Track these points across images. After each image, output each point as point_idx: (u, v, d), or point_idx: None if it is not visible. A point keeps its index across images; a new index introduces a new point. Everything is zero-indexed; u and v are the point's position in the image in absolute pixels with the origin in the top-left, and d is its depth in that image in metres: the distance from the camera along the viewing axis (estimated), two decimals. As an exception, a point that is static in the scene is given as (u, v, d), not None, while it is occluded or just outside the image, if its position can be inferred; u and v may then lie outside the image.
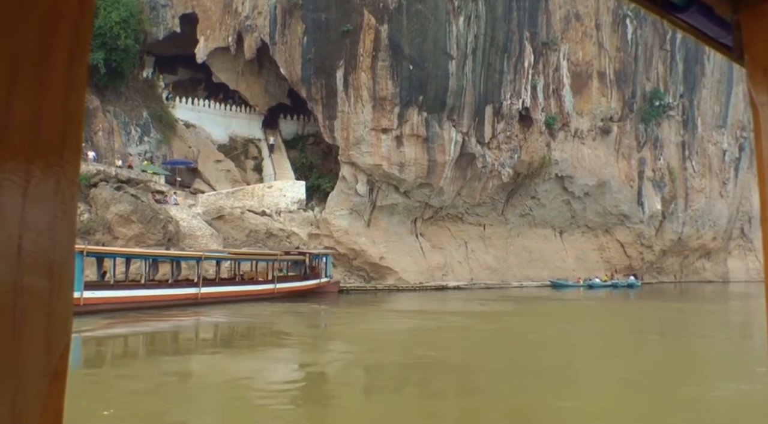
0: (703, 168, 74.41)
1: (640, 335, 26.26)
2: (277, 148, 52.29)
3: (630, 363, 19.56)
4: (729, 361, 20.19)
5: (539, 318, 30.82)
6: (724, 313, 37.17)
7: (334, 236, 47.42)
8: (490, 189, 53.53)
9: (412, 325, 26.94)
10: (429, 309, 34.21)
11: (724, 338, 26.69)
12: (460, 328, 26.53)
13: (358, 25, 46.91)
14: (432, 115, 48.56)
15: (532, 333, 25.56)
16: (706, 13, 1.35)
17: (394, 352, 20.25)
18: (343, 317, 32.28)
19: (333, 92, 47.12)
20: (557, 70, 56.16)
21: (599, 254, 63.46)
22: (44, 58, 0.67)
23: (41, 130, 0.68)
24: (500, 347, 21.78)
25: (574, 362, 19.37)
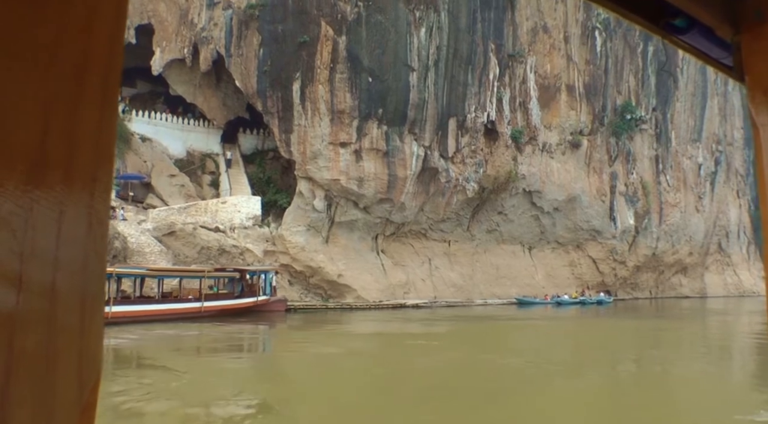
0: (677, 182, 73.39)
1: (582, 362, 23.70)
2: (234, 163, 50.85)
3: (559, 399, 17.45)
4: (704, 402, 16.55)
5: (467, 342, 28.38)
6: (694, 332, 35.36)
7: (290, 253, 45.91)
8: (454, 204, 52.14)
9: (338, 351, 24.87)
10: (374, 331, 32.51)
11: (691, 364, 23.55)
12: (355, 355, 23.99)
13: (316, 37, 45.63)
14: (392, 128, 47.23)
15: (443, 361, 21.73)
16: (707, 34, 1.41)
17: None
18: (274, 340, 30.53)
19: (289, 105, 45.74)
20: (524, 83, 54.98)
21: (570, 271, 62.10)
22: (76, 100, 0.68)
23: (74, 170, 0.69)
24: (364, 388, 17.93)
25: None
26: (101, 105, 0.72)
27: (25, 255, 0.63)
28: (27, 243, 0.63)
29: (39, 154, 0.65)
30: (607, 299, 60.71)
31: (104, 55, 0.70)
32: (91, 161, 0.72)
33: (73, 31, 0.66)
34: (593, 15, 60.00)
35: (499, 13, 53.26)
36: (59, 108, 0.67)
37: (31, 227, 0.64)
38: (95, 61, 0.69)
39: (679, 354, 25.59)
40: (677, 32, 1.42)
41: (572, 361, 23.47)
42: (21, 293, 0.64)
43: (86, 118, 0.70)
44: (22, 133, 0.63)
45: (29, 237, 0.64)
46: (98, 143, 0.73)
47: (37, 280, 0.65)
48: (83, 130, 0.71)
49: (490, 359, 21.86)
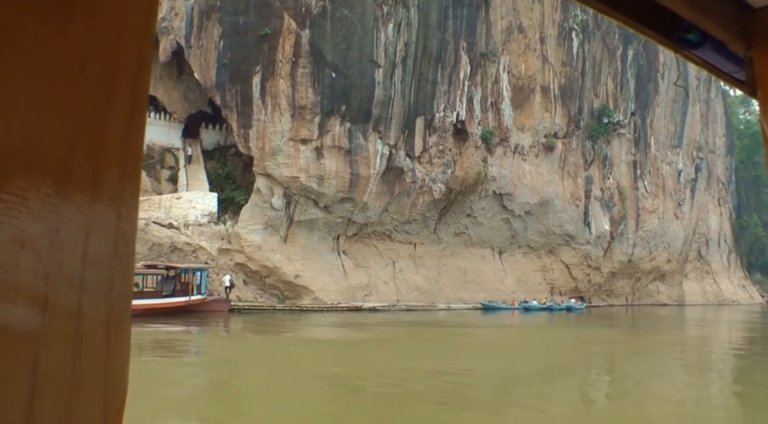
0: (656, 188, 72.15)
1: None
2: (195, 159, 49.25)
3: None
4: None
5: (385, 350, 25.34)
6: (668, 345, 33.37)
7: (246, 252, 44.39)
8: (420, 206, 50.68)
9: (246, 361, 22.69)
10: (310, 336, 30.76)
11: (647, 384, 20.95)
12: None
13: (278, 30, 44.15)
14: (356, 125, 45.78)
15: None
16: (720, 49, 1.44)
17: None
18: (194, 344, 28.36)
19: (249, 99, 44.25)
20: (497, 83, 53.56)
21: (542, 276, 60.69)
22: (103, 116, 0.69)
23: (100, 189, 0.69)
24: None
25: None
26: (128, 122, 0.71)
27: (50, 277, 0.63)
28: (53, 264, 0.63)
29: (65, 174, 0.65)
30: (579, 305, 59.17)
31: (132, 71, 0.70)
32: (118, 181, 0.72)
33: (101, 45, 0.66)
34: (570, 16, 58.69)
35: (472, 10, 51.85)
36: (86, 125, 0.67)
37: (57, 248, 0.64)
38: (123, 76, 0.69)
39: (639, 370, 23.98)
40: (690, 47, 1.42)
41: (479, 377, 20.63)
42: (46, 315, 0.63)
43: (113, 137, 0.70)
44: (48, 151, 0.63)
45: (55, 258, 0.63)
46: (125, 162, 0.73)
47: (63, 301, 0.65)
48: (110, 149, 0.70)
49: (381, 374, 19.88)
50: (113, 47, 0.67)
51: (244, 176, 48.27)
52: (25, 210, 0.60)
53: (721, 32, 1.41)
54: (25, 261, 0.60)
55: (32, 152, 0.60)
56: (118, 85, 0.69)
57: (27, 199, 0.60)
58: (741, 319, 60.75)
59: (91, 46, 0.65)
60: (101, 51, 0.66)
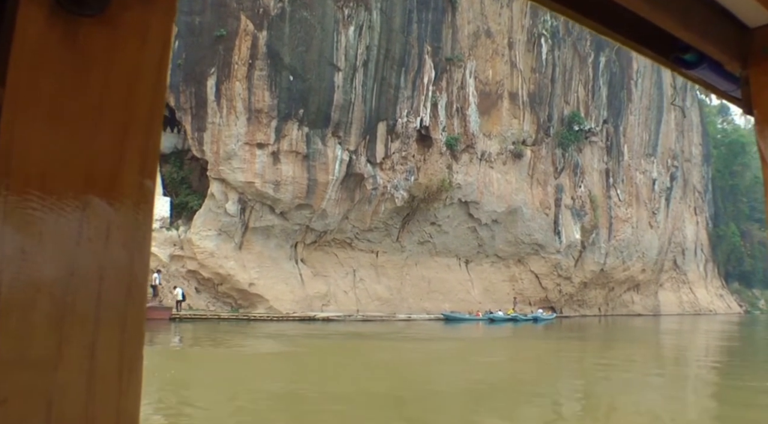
0: (629, 197, 71.24)
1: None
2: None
3: None
4: None
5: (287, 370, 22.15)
6: (641, 358, 32.00)
7: (198, 259, 43.02)
8: (382, 213, 49.44)
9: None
10: (238, 350, 29.07)
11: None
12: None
13: (234, 31, 42.95)
14: (314, 130, 44.56)
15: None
16: (716, 69, 1.46)
17: None
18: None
19: (203, 102, 43.02)
20: (463, 88, 52.42)
21: (511, 286, 59.52)
22: (117, 164, 0.71)
23: (113, 235, 0.71)
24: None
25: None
26: (141, 167, 0.72)
27: (66, 320, 0.65)
28: (68, 308, 0.65)
29: (79, 222, 0.66)
30: (548, 316, 57.93)
31: (145, 118, 0.72)
32: (131, 228, 0.73)
33: (115, 96, 0.68)
34: (540, 22, 57.70)
35: (438, 14, 50.74)
36: (100, 173, 0.68)
37: (72, 293, 0.65)
38: (136, 124, 0.71)
39: (608, 385, 22.64)
40: (687, 66, 1.44)
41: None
42: (60, 359, 0.64)
43: (126, 184, 0.71)
44: (63, 200, 0.65)
45: (69, 302, 0.65)
46: (137, 209, 0.73)
47: (77, 344, 0.66)
48: (123, 196, 0.71)
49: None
50: (127, 97, 0.69)
51: (201, 181, 46.89)
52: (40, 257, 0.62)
53: (718, 53, 1.41)
54: (41, 302, 0.62)
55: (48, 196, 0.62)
56: (131, 133, 0.70)
57: (43, 248, 0.62)
58: (718, 329, 59.73)
59: (106, 96, 0.67)
60: (116, 101, 0.68)
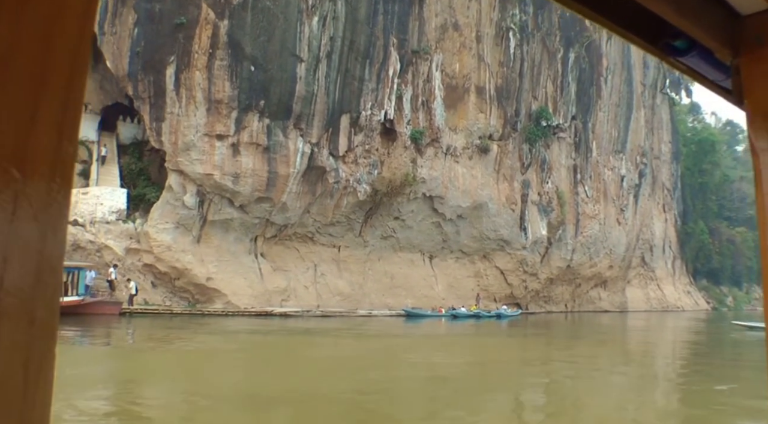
0: (597, 193, 71.06)
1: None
2: (109, 153, 46.80)
3: None
4: None
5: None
6: (606, 354, 31.37)
7: (155, 252, 42.12)
8: (345, 207, 48.76)
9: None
10: (180, 347, 28.06)
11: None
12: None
13: (194, 19, 41.99)
14: (275, 122, 43.77)
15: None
16: (707, 57, 1.44)
17: None
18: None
19: (162, 91, 42.02)
20: (429, 82, 51.81)
21: (476, 282, 59.09)
22: (31, 118, 0.63)
23: (24, 197, 0.62)
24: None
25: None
26: (59, 130, 0.64)
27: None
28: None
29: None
30: (512, 312, 57.66)
31: (65, 72, 0.64)
32: (43, 199, 0.63)
33: (29, 44, 0.60)
34: (508, 15, 57.19)
35: (405, 6, 50.08)
36: (5, 133, 0.60)
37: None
38: (54, 77, 0.63)
39: (572, 385, 22.02)
40: (676, 54, 1.42)
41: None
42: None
43: (41, 141, 0.62)
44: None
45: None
46: (52, 177, 0.64)
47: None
48: (35, 162, 0.63)
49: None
50: (44, 46, 0.61)
51: (160, 173, 45.95)
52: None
53: (709, 39, 1.38)
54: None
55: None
56: (48, 88, 0.62)
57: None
58: (684, 326, 59.79)
59: (17, 43, 0.59)
60: (29, 49, 0.60)
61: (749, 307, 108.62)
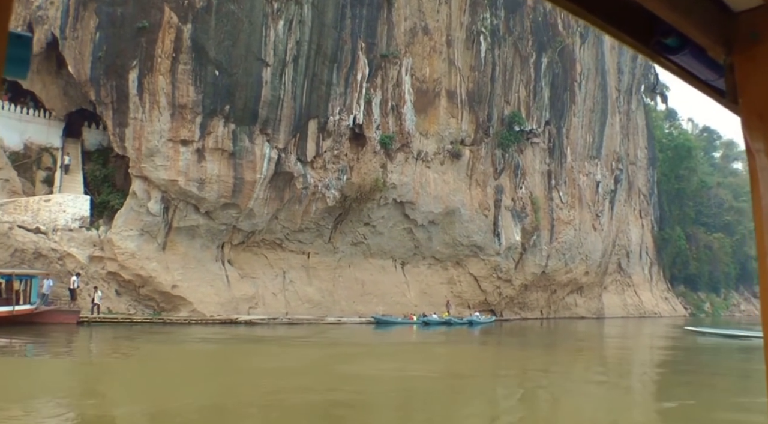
0: (572, 199, 70.79)
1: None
2: (74, 159, 45.97)
3: None
4: None
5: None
6: (582, 360, 30.74)
7: (119, 260, 41.33)
8: (313, 213, 48.17)
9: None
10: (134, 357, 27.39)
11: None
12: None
13: (157, 23, 41.40)
14: (241, 127, 43.20)
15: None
16: (699, 55, 1.39)
17: None
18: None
19: (125, 96, 41.34)
20: (398, 86, 51.37)
21: (449, 288, 58.56)
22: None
23: None
24: None
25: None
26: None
27: None
28: None
29: None
30: (485, 319, 57.10)
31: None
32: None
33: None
34: (479, 19, 56.90)
35: (373, 10, 49.68)
36: None
37: None
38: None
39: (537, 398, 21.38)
40: (668, 52, 1.38)
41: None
42: None
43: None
44: None
45: None
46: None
47: None
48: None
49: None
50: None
51: (126, 179, 45.19)
52: None
53: (701, 36, 1.33)
54: None
55: None
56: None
57: None
58: (661, 333, 59.53)
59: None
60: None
61: (727, 313, 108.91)
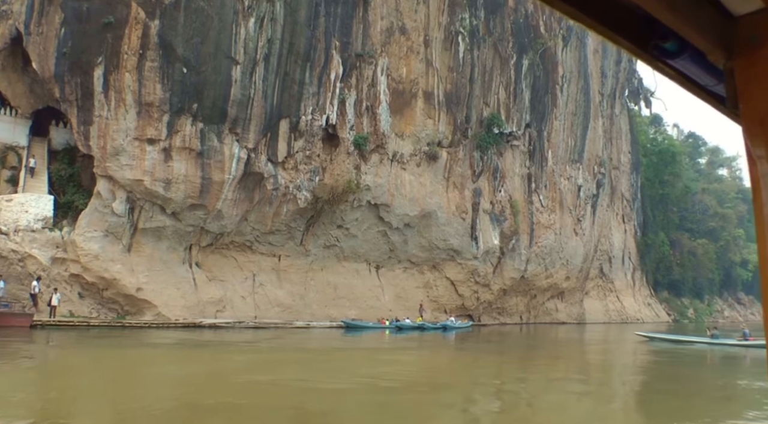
0: (552, 203, 69.99)
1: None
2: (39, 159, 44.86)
3: None
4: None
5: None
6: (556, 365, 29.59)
7: (82, 262, 40.21)
8: (284, 215, 47.17)
9: None
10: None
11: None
12: None
13: (124, 19, 40.36)
14: (210, 126, 42.22)
15: None
16: (698, 59, 1.36)
17: None
18: None
19: (90, 93, 40.28)
20: (373, 86, 50.44)
21: (425, 293, 57.63)
22: None
23: None
24: None
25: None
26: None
27: None
28: None
29: None
30: (461, 324, 56.12)
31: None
32: None
33: None
34: (457, 19, 56.06)
35: (348, 9, 48.77)
36: None
37: None
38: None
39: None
40: (667, 56, 1.36)
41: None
42: None
43: None
44: None
45: None
46: None
47: None
48: None
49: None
50: None
51: (92, 179, 44.08)
52: None
53: (701, 40, 1.30)
54: None
55: None
56: None
57: None
58: (617, 339, 58.61)
59: None
60: None
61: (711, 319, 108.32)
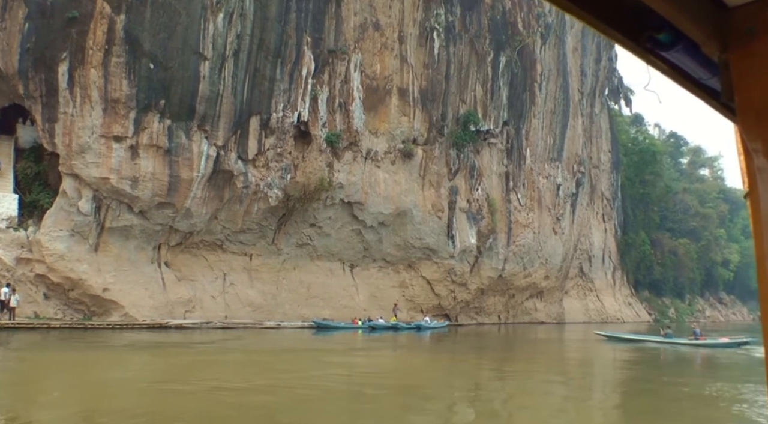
0: (531, 202, 69.62)
1: None
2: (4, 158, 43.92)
3: None
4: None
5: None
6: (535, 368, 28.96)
7: (47, 262, 39.33)
8: (255, 213, 46.46)
9: None
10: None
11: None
12: None
13: (89, 14, 39.55)
14: (178, 123, 41.45)
15: None
16: (692, 52, 1.35)
17: None
18: None
19: (54, 90, 39.43)
20: (347, 83, 49.81)
21: (401, 292, 57.04)
22: None
23: None
24: None
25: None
26: None
27: None
28: None
29: None
30: (436, 324, 55.43)
31: None
32: None
33: None
34: (432, 15, 55.52)
35: (320, 4, 48.13)
36: None
37: None
38: None
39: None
40: (660, 48, 1.34)
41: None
42: None
43: None
44: None
45: None
46: None
47: None
48: None
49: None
50: None
51: (59, 178, 43.24)
52: None
53: (695, 31, 1.28)
54: None
55: None
56: None
57: None
58: (577, 338, 57.89)
59: None
60: None
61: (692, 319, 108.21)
